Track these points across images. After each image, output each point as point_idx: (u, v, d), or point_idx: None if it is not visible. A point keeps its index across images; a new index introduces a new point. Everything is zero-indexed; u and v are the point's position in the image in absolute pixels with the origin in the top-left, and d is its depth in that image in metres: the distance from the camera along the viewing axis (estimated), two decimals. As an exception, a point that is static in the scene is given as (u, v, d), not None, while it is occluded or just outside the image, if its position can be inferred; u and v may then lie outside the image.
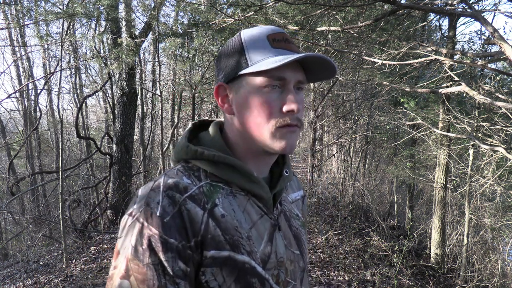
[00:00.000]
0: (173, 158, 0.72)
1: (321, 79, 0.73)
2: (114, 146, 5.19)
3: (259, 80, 0.64)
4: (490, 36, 3.17)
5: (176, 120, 8.95)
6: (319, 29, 3.99)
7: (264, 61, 0.63)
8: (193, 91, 7.46)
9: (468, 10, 2.74)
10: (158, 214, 0.57)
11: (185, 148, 0.68)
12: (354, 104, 9.18)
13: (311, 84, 8.51)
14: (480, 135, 5.05)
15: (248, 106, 0.65)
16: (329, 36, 5.99)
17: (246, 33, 0.68)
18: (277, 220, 0.71)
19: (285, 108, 0.64)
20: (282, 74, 0.63)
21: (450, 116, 5.31)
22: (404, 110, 6.61)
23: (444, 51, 3.47)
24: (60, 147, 5.27)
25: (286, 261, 0.70)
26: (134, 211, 0.60)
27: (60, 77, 5.88)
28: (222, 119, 0.77)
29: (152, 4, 5.15)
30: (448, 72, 4.19)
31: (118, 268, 0.57)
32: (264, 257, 0.65)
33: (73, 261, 5.07)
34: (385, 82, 5.37)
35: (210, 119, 0.79)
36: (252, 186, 0.67)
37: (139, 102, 8.91)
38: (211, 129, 0.73)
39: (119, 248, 0.59)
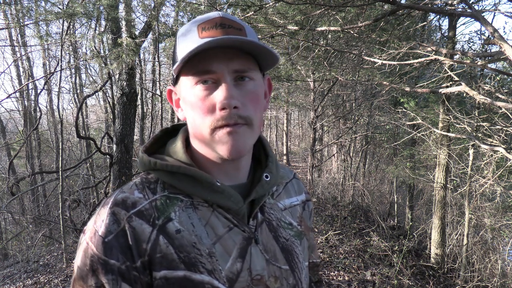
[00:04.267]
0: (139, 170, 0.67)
1: (271, 65, 0.61)
2: (114, 146, 5.18)
3: (189, 77, 0.56)
4: (490, 36, 3.17)
5: (176, 120, 8.95)
6: (319, 29, 4.00)
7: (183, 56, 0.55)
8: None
9: (468, 10, 2.74)
10: (100, 233, 0.54)
11: (142, 159, 0.62)
12: (354, 104, 9.18)
13: (311, 84, 8.47)
14: (480, 135, 5.05)
15: (188, 108, 0.59)
16: (329, 36, 5.99)
17: (183, 26, 0.59)
18: (253, 232, 0.62)
19: (217, 106, 0.55)
20: (207, 67, 0.54)
21: (450, 116, 5.31)
22: (404, 110, 6.62)
23: (444, 51, 3.47)
24: (60, 147, 5.28)
25: (268, 278, 0.61)
26: (86, 228, 0.57)
27: (60, 77, 5.90)
28: None
29: (152, 4, 5.14)
30: (448, 72, 4.19)
31: None
32: (231, 275, 0.57)
33: (73, 261, 5.07)
34: (385, 82, 5.37)
35: (183, 122, 0.69)
36: (215, 196, 0.58)
37: (139, 102, 8.91)
38: (178, 136, 0.66)
39: (74, 266, 0.57)
